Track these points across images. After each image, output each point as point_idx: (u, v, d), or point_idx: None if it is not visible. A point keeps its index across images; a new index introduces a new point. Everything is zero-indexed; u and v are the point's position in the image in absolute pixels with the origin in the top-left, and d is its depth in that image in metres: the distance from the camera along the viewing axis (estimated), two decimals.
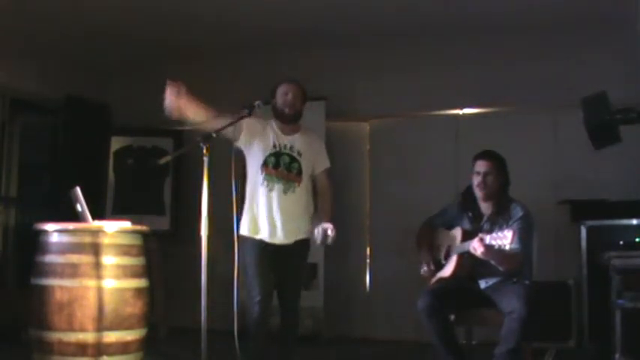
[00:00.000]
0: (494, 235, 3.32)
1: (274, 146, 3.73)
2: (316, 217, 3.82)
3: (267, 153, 3.72)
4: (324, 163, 3.85)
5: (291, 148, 3.75)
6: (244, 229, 3.73)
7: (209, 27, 5.70)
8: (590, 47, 5.37)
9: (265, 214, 3.68)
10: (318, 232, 3.61)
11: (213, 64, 6.41)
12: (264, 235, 3.70)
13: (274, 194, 3.68)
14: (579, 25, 5.31)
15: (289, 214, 3.69)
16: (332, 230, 3.58)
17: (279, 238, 3.69)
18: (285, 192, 3.69)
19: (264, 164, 3.71)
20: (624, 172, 5.17)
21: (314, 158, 3.80)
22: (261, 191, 3.70)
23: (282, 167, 3.71)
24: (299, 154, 3.74)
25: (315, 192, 3.87)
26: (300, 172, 3.73)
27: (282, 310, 3.78)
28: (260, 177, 3.71)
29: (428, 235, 3.98)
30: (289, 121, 3.76)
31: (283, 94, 3.73)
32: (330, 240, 3.60)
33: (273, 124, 3.79)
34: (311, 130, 3.96)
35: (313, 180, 3.84)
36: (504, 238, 3.25)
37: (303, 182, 3.74)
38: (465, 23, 5.43)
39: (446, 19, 5.37)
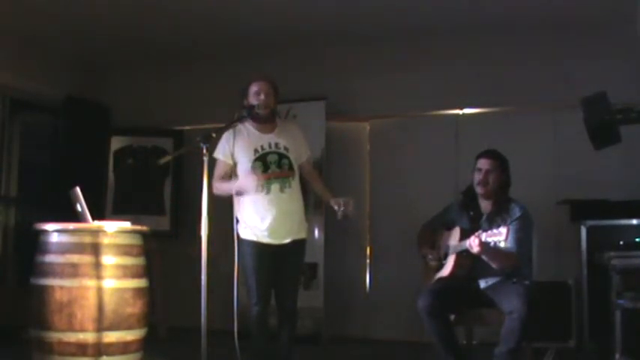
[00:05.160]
0: (489, 232, 3.33)
1: (256, 151, 3.71)
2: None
3: (253, 159, 3.69)
4: (306, 152, 3.85)
5: (277, 145, 3.73)
6: (243, 233, 3.73)
7: (209, 27, 5.69)
8: (590, 47, 5.37)
9: (264, 217, 3.66)
10: (339, 207, 3.62)
11: (212, 64, 6.41)
12: (263, 237, 3.69)
13: (272, 196, 3.66)
14: (579, 25, 5.31)
15: (287, 212, 3.69)
16: (352, 203, 3.62)
17: (278, 238, 3.68)
18: (282, 190, 3.68)
19: (253, 171, 3.69)
20: (624, 172, 5.16)
21: (298, 149, 3.80)
22: (258, 196, 3.66)
23: (272, 168, 3.69)
24: (286, 149, 3.74)
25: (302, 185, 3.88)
26: (291, 167, 3.73)
27: (279, 309, 3.78)
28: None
29: (428, 235, 3.99)
30: (265, 120, 3.74)
31: (256, 95, 3.71)
32: (350, 211, 3.62)
33: (249, 127, 3.77)
34: (288, 120, 3.93)
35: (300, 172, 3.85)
36: (499, 235, 3.27)
37: (295, 176, 3.75)
38: (465, 23, 5.43)
39: (446, 19, 5.36)
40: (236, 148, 3.71)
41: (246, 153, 3.71)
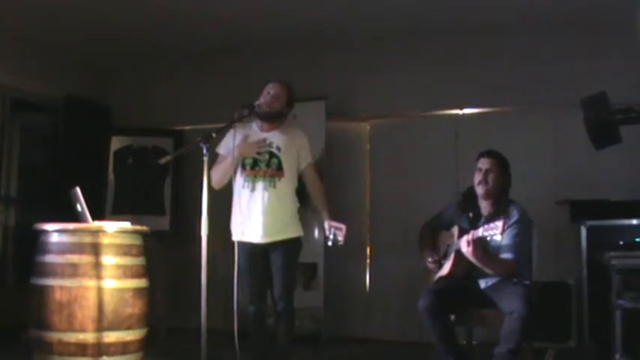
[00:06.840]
0: (485, 226, 3.33)
1: None
2: (314, 216, 3.80)
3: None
4: (306, 158, 3.83)
5: (270, 144, 3.75)
6: (233, 234, 3.75)
7: (209, 27, 5.70)
8: (590, 47, 5.37)
9: (249, 215, 3.68)
10: (329, 232, 3.62)
11: (212, 65, 6.42)
12: (251, 236, 3.70)
13: (257, 193, 3.68)
14: (579, 26, 5.31)
15: (272, 210, 3.68)
16: (342, 231, 3.60)
17: (266, 236, 3.68)
18: (267, 189, 3.69)
19: (243, 167, 3.74)
20: (624, 172, 5.16)
21: (297, 154, 3.79)
22: (244, 193, 3.71)
23: (260, 165, 3.72)
24: (278, 149, 3.74)
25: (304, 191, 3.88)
26: (280, 167, 3.72)
27: (275, 307, 3.78)
28: (241, 180, 3.73)
29: (429, 236, 3.99)
30: (264, 118, 3.76)
31: (266, 93, 3.76)
32: (341, 240, 3.60)
33: (253, 125, 3.82)
34: (295, 127, 3.95)
35: (299, 177, 3.84)
36: (496, 229, 3.27)
37: (285, 177, 3.73)
38: (465, 23, 5.43)
39: (446, 19, 5.37)
40: (236, 144, 3.73)
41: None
